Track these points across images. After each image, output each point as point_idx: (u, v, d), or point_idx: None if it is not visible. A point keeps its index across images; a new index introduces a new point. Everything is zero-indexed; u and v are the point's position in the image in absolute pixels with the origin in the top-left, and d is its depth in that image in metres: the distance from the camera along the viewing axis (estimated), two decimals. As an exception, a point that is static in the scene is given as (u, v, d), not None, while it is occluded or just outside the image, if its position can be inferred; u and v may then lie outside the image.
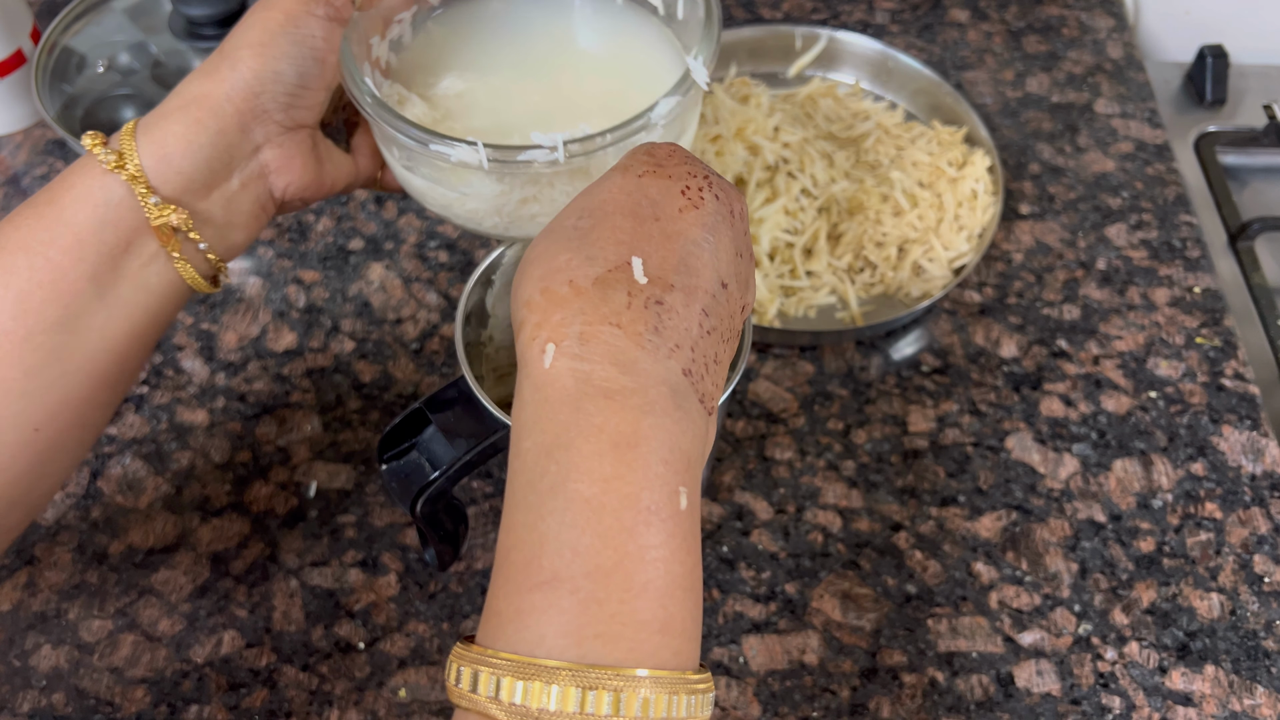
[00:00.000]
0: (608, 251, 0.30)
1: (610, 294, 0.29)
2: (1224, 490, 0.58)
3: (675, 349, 0.30)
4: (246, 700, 0.51)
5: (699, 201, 0.32)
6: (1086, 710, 0.51)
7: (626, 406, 0.29)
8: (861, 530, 0.57)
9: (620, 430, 0.28)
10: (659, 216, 0.31)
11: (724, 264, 0.32)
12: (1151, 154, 0.75)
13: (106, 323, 0.41)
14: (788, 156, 0.66)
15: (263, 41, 0.42)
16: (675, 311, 0.30)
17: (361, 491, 0.58)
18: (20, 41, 0.74)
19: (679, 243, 0.31)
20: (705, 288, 0.31)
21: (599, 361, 0.29)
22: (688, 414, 0.30)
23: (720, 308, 0.32)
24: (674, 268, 0.30)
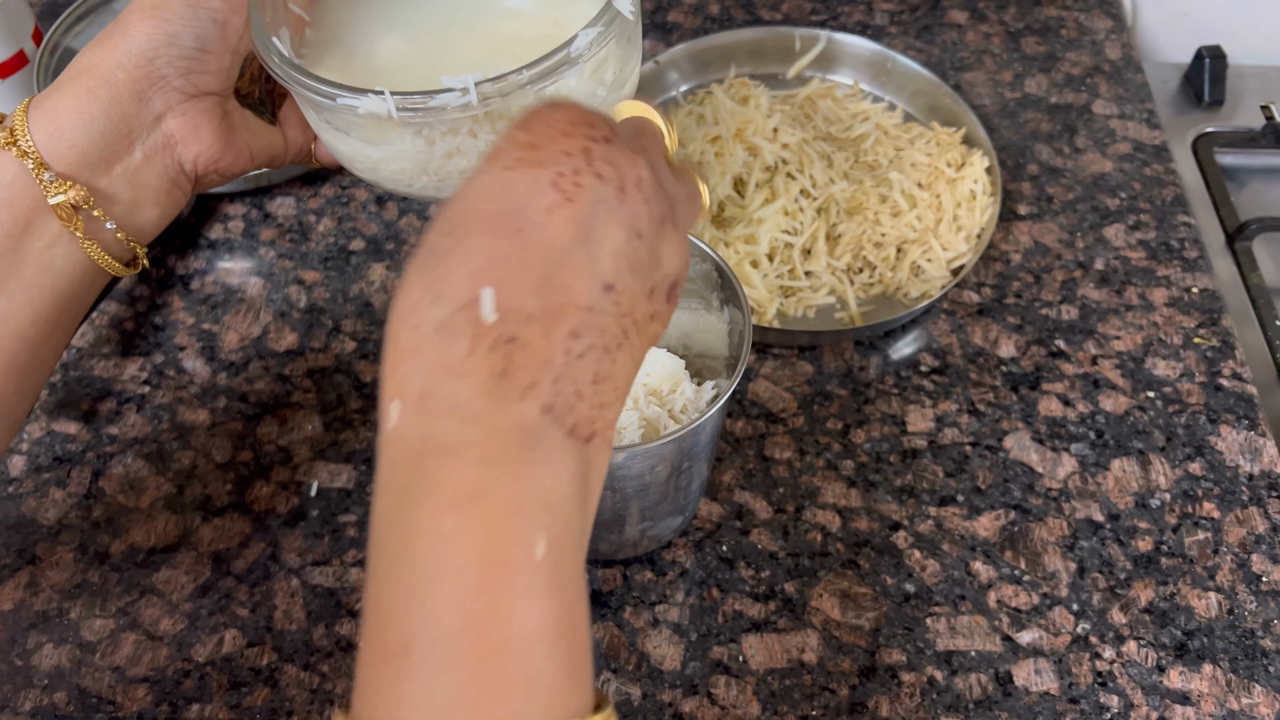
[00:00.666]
0: (456, 287, 0.27)
1: (453, 341, 0.27)
2: (1222, 490, 0.59)
3: (530, 387, 0.27)
4: (248, 699, 0.52)
5: (573, 193, 0.28)
6: (1085, 709, 0.51)
7: (466, 460, 0.27)
8: (860, 529, 0.57)
9: (460, 486, 0.27)
10: (521, 226, 0.28)
11: (606, 261, 0.29)
12: (1149, 155, 0.75)
13: (9, 309, 0.40)
14: (787, 157, 0.66)
15: (155, 5, 0.41)
16: (530, 346, 0.28)
17: (362, 491, 0.59)
18: (22, 42, 0.74)
19: (541, 257, 0.28)
20: (576, 303, 0.28)
21: (440, 416, 0.27)
22: (546, 454, 0.28)
23: (600, 318, 0.29)
24: (534, 289, 0.28)
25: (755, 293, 0.65)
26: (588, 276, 0.29)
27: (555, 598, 0.27)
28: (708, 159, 0.67)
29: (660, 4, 0.86)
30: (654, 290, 0.31)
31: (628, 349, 0.30)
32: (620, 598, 0.55)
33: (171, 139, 0.42)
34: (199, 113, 0.42)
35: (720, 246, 0.66)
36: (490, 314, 0.27)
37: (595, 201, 0.29)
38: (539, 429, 0.28)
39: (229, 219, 0.72)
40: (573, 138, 0.29)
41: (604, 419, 0.30)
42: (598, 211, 0.29)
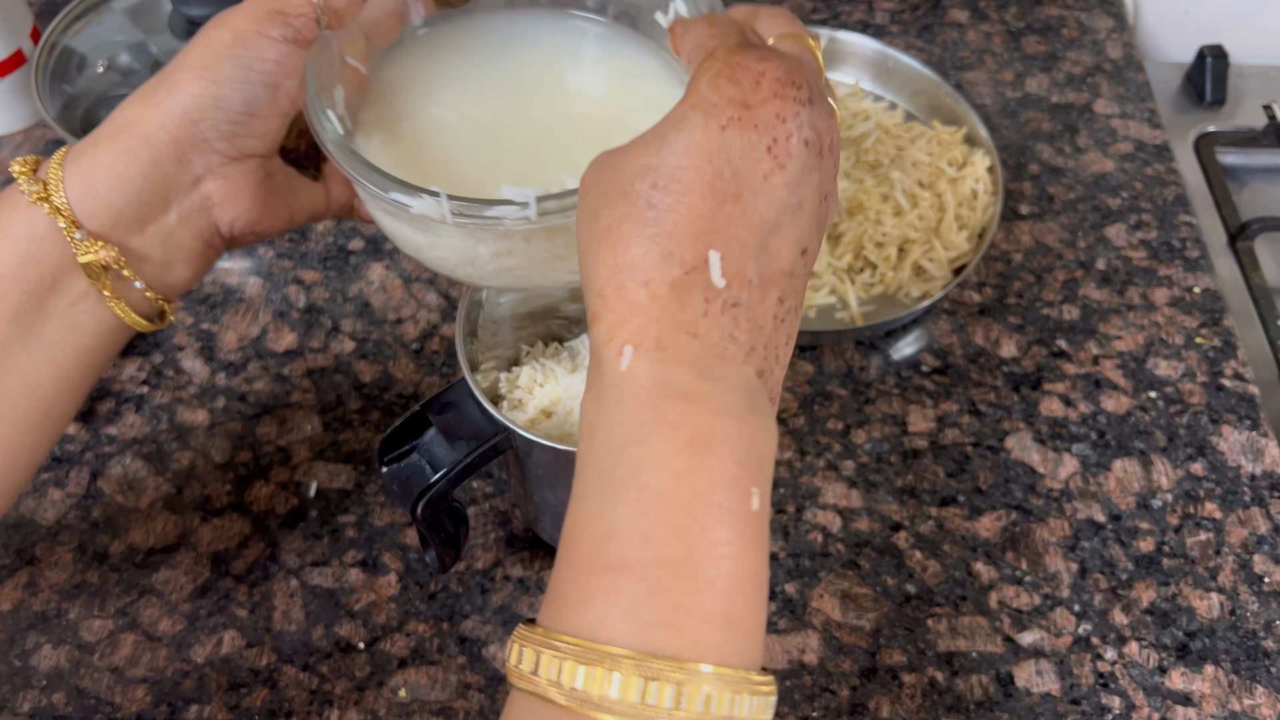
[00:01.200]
0: (684, 248, 0.29)
1: (687, 300, 0.29)
2: (1223, 490, 0.58)
3: (750, 352, 0.30)
4: (247, 700, 0.51)
5: (785, 160, 0.29)
6: (1086, 710, 0.51)
7: (704, 409, 0.29)
8: (861, 530, 0.57)
9: (697, 429, 0.28)
10: (740, 192, 0.29)
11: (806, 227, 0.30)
12: (1151, 154, 0.75)
13: (30, 366, 0.38)
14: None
15: (205, 64, 0.38)
16: (751, 310, 0.29)
17: (362, 491, 0.58)
18: (20, 41, 0.74)
19: (759, 225, 0.29)
20: (783, 268, 0.30)
21: (676, 366, 0.29)
22: (761, 417, 0.30)
23: (797, 282, 0.31)
24: (753, 255, 0.29)
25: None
26: (792, 242, 0.30)
27: (761, 550, 0.29)
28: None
29: (660, 3, 0.86)
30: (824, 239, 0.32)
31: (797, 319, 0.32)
32: (620, 598, 0.54)
33: (209, 201, 0.41)
34: (240, 176, 0.41)
35: (721, 246, 0.65)
36: (719, 278, 0.29)
37: (803, 168, 0.30)
38: (756, 391, 0.30)
39: (228, 218, 0.72)
40: (784, 99, 0.29)
41: (778, 381, 0.31)
42: (805, 177, 0.30)
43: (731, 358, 0.29)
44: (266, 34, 0.38)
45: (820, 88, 0.31)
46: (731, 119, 0.29)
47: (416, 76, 0.45)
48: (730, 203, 0.29)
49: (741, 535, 0.29)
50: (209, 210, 0.41)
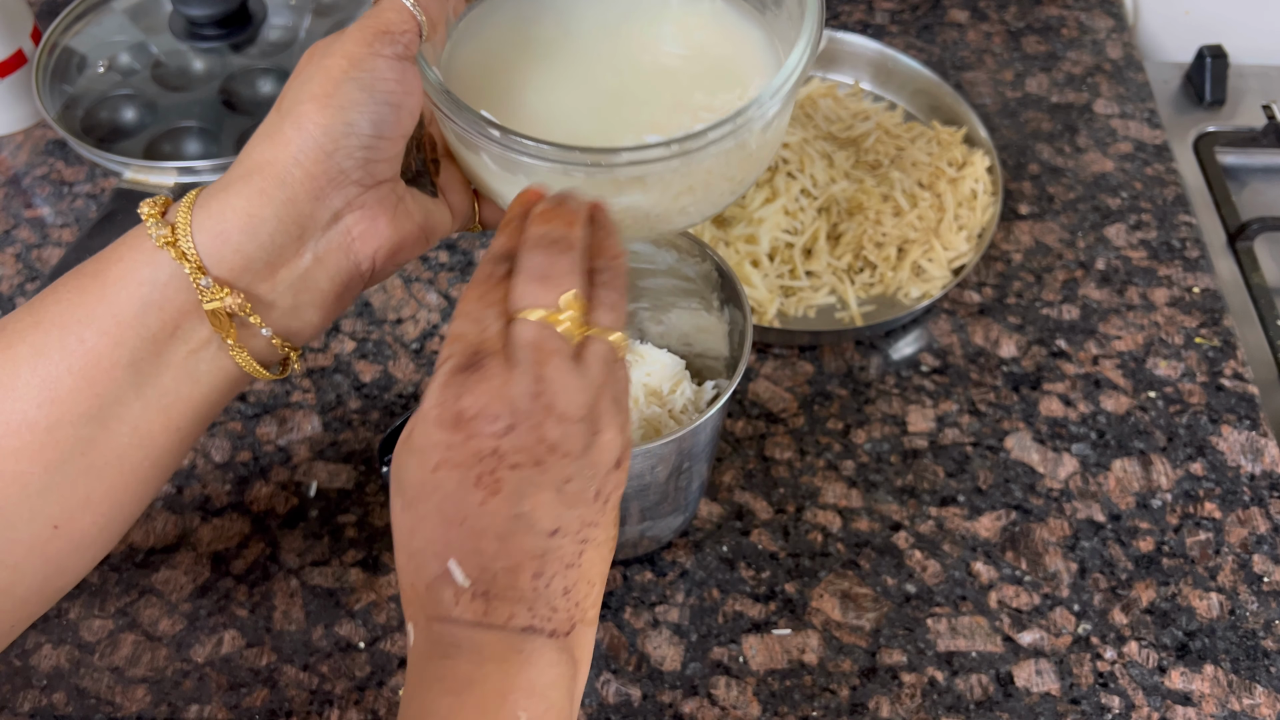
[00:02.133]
0: (429, 563, 0.33)
1: (439, 596, 0.33)
2: (1223, 490, 0.58)
3: (509, 619, 0.33)
4: (247, 700, 0.51)
5: (496, 487, 0.32)
6: (1086, 710, 0.51)
7: (462, 660, 0.33)
8: (861, 530, 0.57)
9: (457, 677, 0.33)
10: (465, 517, 0.32)
11: (544, 519, 0.33)
12: (1151, 154, 0.75)
13: (142, 415, 0.37)
14: (787, 157, 0.66)
15: (327, 92, 0.36)
16: (500, 594, 0.33)
17: (362, 491, 0.58)
18: (21, 42, 0.74)
19: (489, 537, 0.32)
20: (528, 556, 0.33)
21: (441, 641, 0.33)
22: (530, 655, 0.33)
23: (557, 553, 0.33)
24: (491, 555, 0.33)
25: (755, 293, 0.64)
26: (531, 535, 0.33)
27: None
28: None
29: (660, 3, 0.86)
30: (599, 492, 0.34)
31: (592, 548, 0.34)
32: (620, 598, 0.54)
33: (349, 236, 0.39)
34: (376, 204, 0.39)
35: (720, 246, 0.66)
36: (463, 580, 0.33)
37: (518, 486, 0.32)
38: (524, 642, 0.33)
39: (228, 218, 0.72)
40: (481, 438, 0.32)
41: (582, 611, 0.35)
42: (523, 493, 0.32)
43: (487, 629, 0.33)
44: (380, 54, 0.37)
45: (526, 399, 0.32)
46: (441, 461, 0.32)
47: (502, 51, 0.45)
48: (455, 527, 0.32)
49: None
50: (349, 246, 0.39)
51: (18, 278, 0.68)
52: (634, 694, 0.51)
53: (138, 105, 0.74)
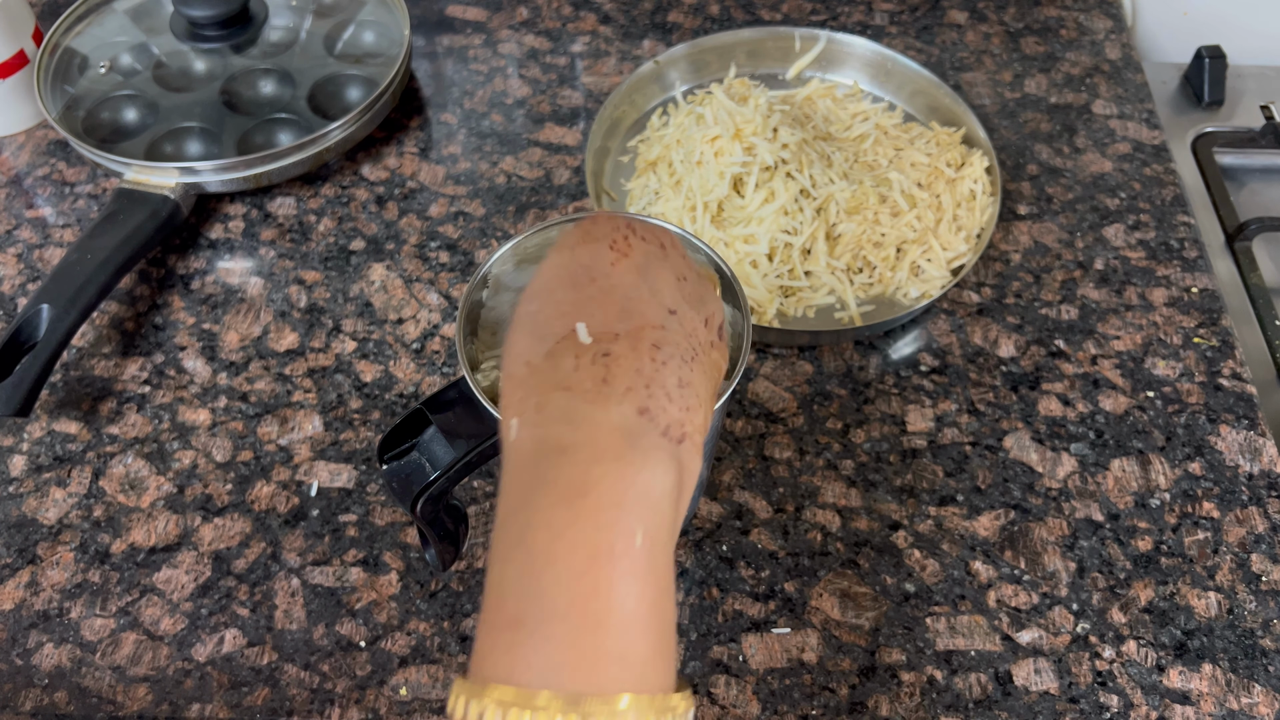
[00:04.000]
0: (553, 326, 0.34)
1: (559, 363, 0.33)
2: (1221, 490, 0.59)
3: (628, 391, 0.32)
4: (248, 699, 0.52)
5: (626, 250, 0.36)
6: (1084, 709, 0.51)
7: (575, 460, 0.31)
8: (860, 529, 0.57)
9: (570, 482, 0.31)
10: (594, 277, 0.35)
11: (666, 293, 0.35)
12: (1149, 155, 0.76)
13: None
14: (786, 157, 0.66)
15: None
16: (622, 358, 0.33)
17: (363, 491, 0.59)
18: (22, 42, 0.74)
19: (617, 294, 0.34)
20: (651, 323, 0.34)
21: (553, 423, 0.32)
22: (645, 452, 0.32)
23: (673, 334, 0.34)
24: (616, 317, 0.34)
25: (755, 293, 0.65)
26: (654, 304, 0.35)
27: (649, 582, 0.31)
28: (706, 159, 0.67)
29: (660, 4, 0.86)
30: (708, 321, 0.36)
31: (700, 364, 0.35)
32: (620, 597, 0.55)
33: None
34: None
35: (720, 246, 0.66)
36: (586, 337, 0.33)
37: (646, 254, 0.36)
38: (638, 429, 0.32)
39: (229, 219, 0.72)
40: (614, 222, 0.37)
41: (692, 422, 0.34)
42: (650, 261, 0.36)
43: (605, 400, 0.32)
44: None
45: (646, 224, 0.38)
46: (578, 241, 0.36)
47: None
48: (587, 286, 0.34)
49: (626, 575, 0.30)
50: None
51: (19, 278, 0.69)
52: (634, 693, 0.52)
53: (139, 106, 0.74)
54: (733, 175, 0.66)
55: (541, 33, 0.84)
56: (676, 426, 0.33)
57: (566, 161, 0.75)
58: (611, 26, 0.84)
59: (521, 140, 0.76)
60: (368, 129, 0.73)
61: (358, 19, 0.79)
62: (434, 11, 0.86)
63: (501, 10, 0.86)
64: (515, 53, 0.82)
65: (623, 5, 0.86)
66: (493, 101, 0.79)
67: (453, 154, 0.76)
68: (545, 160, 0.75)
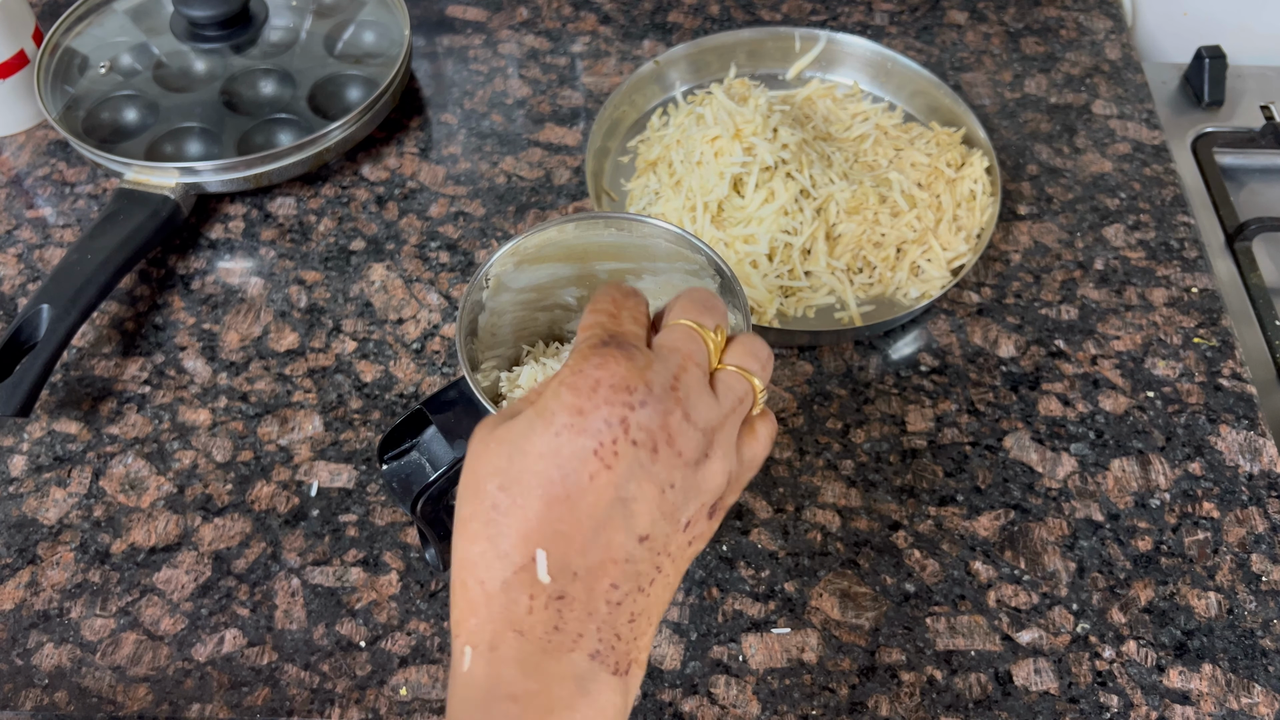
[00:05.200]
0: (515, 547, 0.32)
1: (515, 600, 0.32)
2: (1221, 490, 0.59)
3: (579, 638, 0.32)
4: (248, 699, 0.52)
5: (611, 460, 0.32)
6: (1084, 709, 0.51)
7: (529, 709, 0.31)
8: (860, 529, 0.57)
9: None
10: (569, 494, 0.32)
11: (642, 517, 0.33)
12: (1149, 155, 0.76)
13: None
14: (786, 157, 0.66)
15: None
16: (576, 603, 0.32)
17: (363, 491, 0.59)
18: (22, 42, 0.74)
19: (587, 520, 0.32)
20: (615, 557, 0.32)
21: (506, 666, 0.32)
22: (595, 696, 0.32)
23: (636, 566, 0.33)
24: (579, 549, 0.32)
25: (755, 293, 0.65)
26: (624, 532, 0.32)
27: None
28: (706, 159, 0.67)
29: (660, 4, 0.86)
30: (690, 522, 0.34)
31: (661, 580, 0.34)
32: (620, 597, 0.55)
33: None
34: None
35: (720, 246, 0.66)
36: (544, 575, 0.32)
37: (631, 466, 0.32)
38: (588, 674, 0.32)
39: (229, 219, 0.72)
40: (613, 405, 0.32)
41: (639, 648, 0.34)
42: (633, 475, 0.32)
43: (558, 648, 0.32)
44: None
45: (662, 386, 0.33)
46: (566, 425, 0.32)
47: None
48: (559, 504, 0.32)
49: None
50: None
51: (20, 278, 0.69)
52: (634, 693, 0.52)
53: (139, 106, 0.74)
54: (733, 175, 0.66)
55: (541, 33, 0.84)
56: (624, 660, 0.33)
57: (566, 162, 0.75)
58: (611, 26, 0.84)
59: (521, 140, 0.76)
60: (368, 129, 0.73)
61: (358, 19, 0.79)
62: (434, 11, 0.86)
63: (501, 10, 0.86)
64: (515, 53, 0.82)
65: (623, 5, 0.86)
66: (493, 102, 0.79)
67: (453, 154, 0.76)
68: (545, 160, 0.75)
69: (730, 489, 0.36)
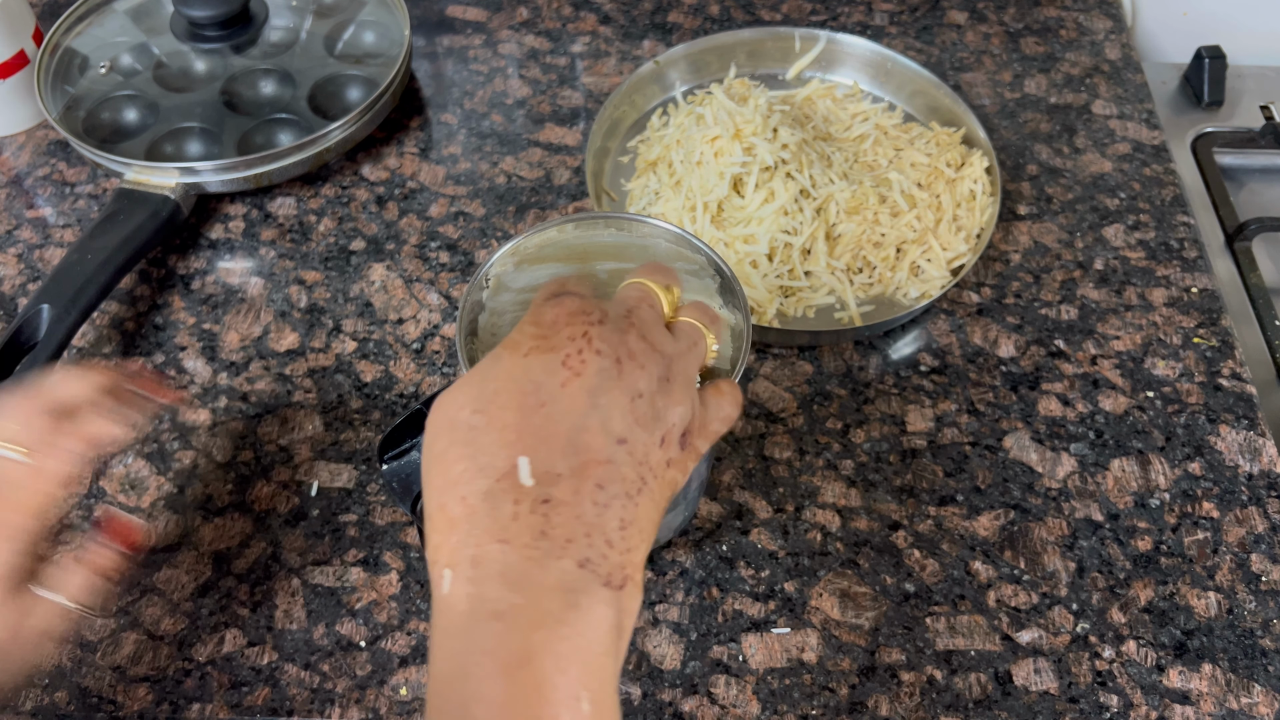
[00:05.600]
0: (496, 458, 0.32)
1: (498, 507, 0.31)
2: (1221, 490, 0.59)
3: (567, 544, 0.31)
4: (249, 699, 0.52)
5: (580, 368, 0.33)
6: (1084, 709, 0.51)
7: (515, 626, 0.30)
8: (860, 529, 0.57)
9: (510, 651, 0.29)
10: (543, 400, 0.32)
11: (617, 420, 0.33)
12: (1149, 155, 0.76)
13: None
14: (786, 157, 0.66)
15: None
16: (563, 505, 0.31)
17: (363, 491, 0.59)
18: (23, 42, 0.74)
19: (563, 425, 0.32)
20: (597, 459, 0.32)
21: (489, 582, 0.30)
22: (586, 611, 0.30)
23: (619, 469, 0.33)
24: (560, 452, 0.32)
25: (755, 293, 0.65)
26: (602, 434, 0.33)
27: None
28: (706, 159, 0.67)
29: (660, 4, 0.86)
30: (665, 439, 0.34)
31: (648, 494, 0.34)
32: (620, 597, 0.55)
33: None
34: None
35: (720, 246, 0.66)
36: (527, 479, 0.31)
37: (598, 373, 0.33)
38: (579, 584, 0.31)
39: (229, 219, 0.72)
40: (574, 324, 0.34)
41: (633, 563, 0.33)
42: (602, 381, 0.33)
43: (545, 555, 0.30)
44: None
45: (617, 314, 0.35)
46: (533, 348, 0.34)
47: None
48: (534, 412, 0.32)
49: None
50: None
51: (20, 278, 0.69)
52: (634, 692, 0.52)
53: (139, 106, 0.74)
54: (733, 175, 0.66)
55: (541, 33, 0.84)
56: (618, 572, 0.32)
57: (566, 162, 0.75)
58: (611, 27, 0.84)
59: (521, 140, 0.76)
60: (368, 129, 0.73)
61: (358, 19, 0.79)
62: (434, 12, 0.86)
63: (501, 10, 0.86)
64: (515, 53, 0.82)
65: (623, 5, 0.86)
66: (493, 102, 0.79)
67: (453, 154, 0.76)
68: (545, 160, 0.75)
69: (699, 432, 0.36)
